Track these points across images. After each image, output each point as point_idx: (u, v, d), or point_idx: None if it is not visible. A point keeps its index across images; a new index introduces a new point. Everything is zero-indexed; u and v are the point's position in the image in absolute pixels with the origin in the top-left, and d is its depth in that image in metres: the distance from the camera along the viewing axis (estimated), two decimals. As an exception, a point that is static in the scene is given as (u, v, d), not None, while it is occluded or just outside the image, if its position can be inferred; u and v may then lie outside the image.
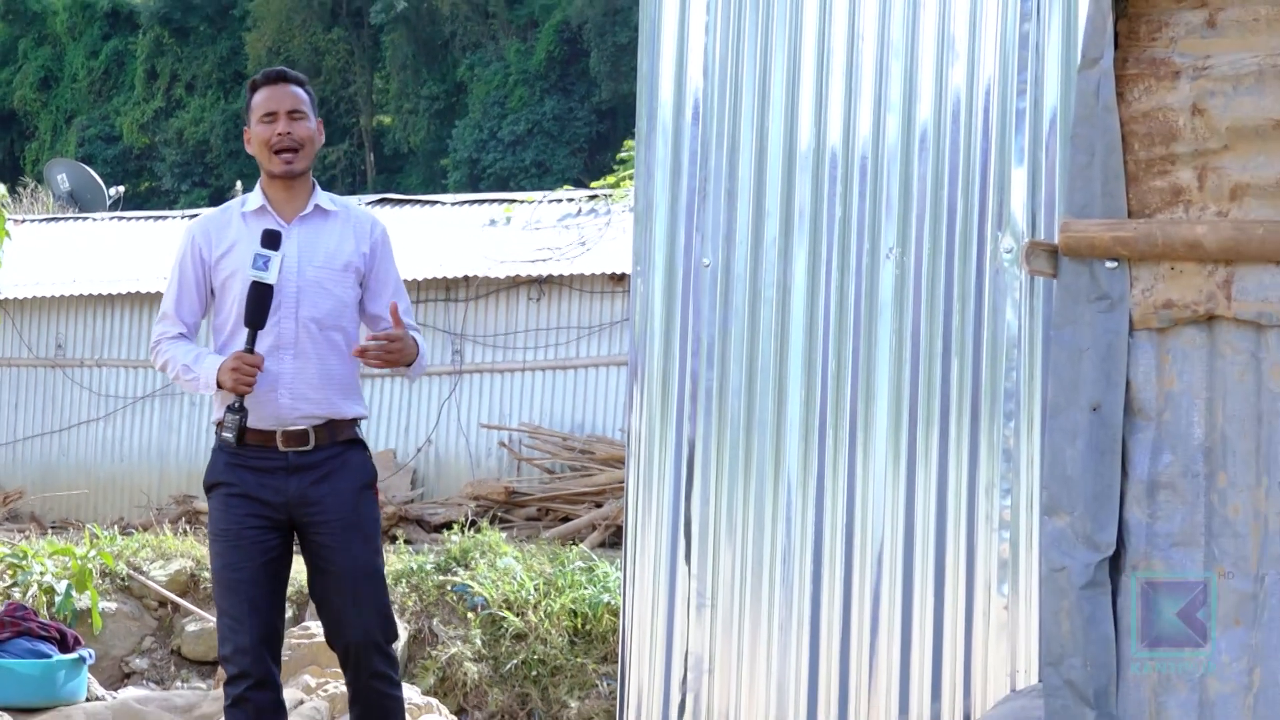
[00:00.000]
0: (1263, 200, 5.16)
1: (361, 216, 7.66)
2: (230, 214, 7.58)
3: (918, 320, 7.41)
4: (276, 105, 7.44)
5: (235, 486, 7.35)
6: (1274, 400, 5.12)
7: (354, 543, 7.36)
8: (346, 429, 7.44)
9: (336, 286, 7.41)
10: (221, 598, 7.49)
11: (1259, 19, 5.18)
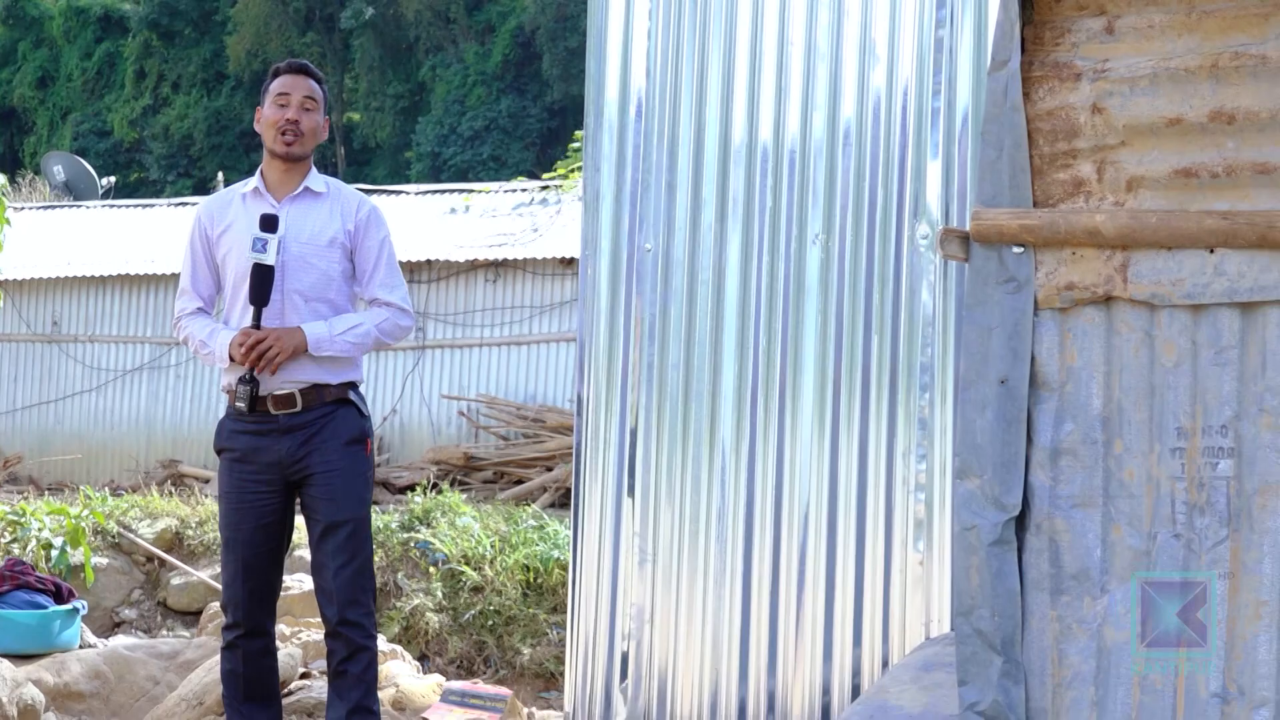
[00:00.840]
0: (1156, 191, 5.17)
1: (349, 196, 7.63)
2: (232, 195, 7.61)
3: (841, 300, 7.41)
4: (292, 90, 7.44)
5: (236, 451, 7.39)
6: (1165, 374, 5.13)
7: (338, 495, 7.35)
8: (335, 391, 7.41)
9: (321, 261, 7.39)
10: (223, 553, 7.59)
11: (1153, 26, 5.19)
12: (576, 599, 7.89)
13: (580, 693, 7.83)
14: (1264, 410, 5.02)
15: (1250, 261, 5.03)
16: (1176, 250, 5.12)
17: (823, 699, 7.39)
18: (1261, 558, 5.02)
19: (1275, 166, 5.03)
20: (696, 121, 7.70)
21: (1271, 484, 5.01)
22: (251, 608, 7.43)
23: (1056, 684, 5.28)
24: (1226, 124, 5.10)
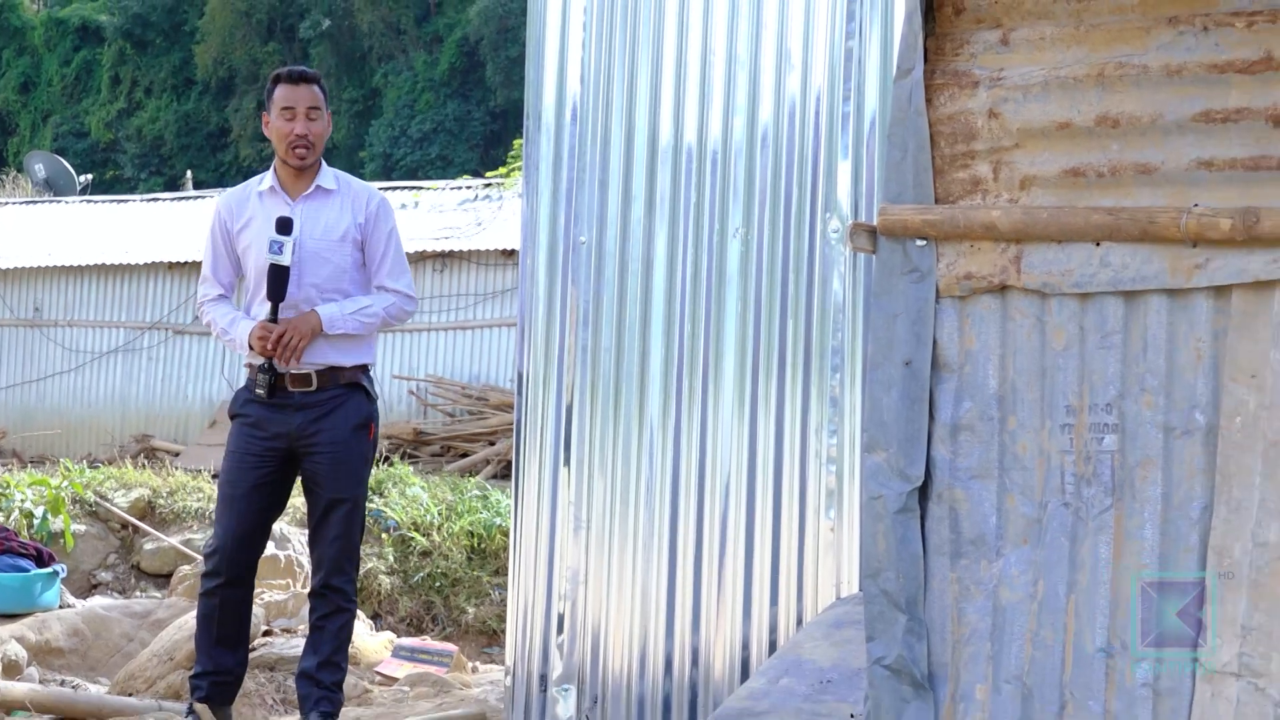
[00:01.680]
0: (1047, 190, 5.18)
1: (360, 191, 7.69)
2: (249, 192, 7.67)
3: (759, 289, 7.41)
4: (296, 103, 7.49)
5: (249, 417, 7.51)
6: (1055, 357, 5.14)
7: (340, 474, 7.44)
8: (348, 374, 7.52)
9: (335, 255, 7.47)
10: (218, 507, 7.69)
11: (1044, 38, 5.20)
12: (517, 562, 7.88)
13: (520, 648, 7.82)
14: (1145, 390, 5.04)
15: (1133, 254, 5.04)
16: (1066, 243, 5.13)
17: (742, 654, 7.39)
18: (1143, 524, 5.04)
19: (1155, 167, 5.05)
20: (627, 124, 7.69)
21: (1151, 457, 5.03)
22: (236, 559, 7.48)
23: (956, 640, 5.29)
24: (1111, 128, 5.12)
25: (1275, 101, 4.90)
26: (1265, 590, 4.88)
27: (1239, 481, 4.93)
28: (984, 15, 5.30)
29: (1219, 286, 4.95)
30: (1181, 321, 5.01)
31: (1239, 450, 4.93)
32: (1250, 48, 4.93)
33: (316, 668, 7.46)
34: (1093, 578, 5.11)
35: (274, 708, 9.83)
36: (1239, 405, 4.93)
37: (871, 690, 5.40)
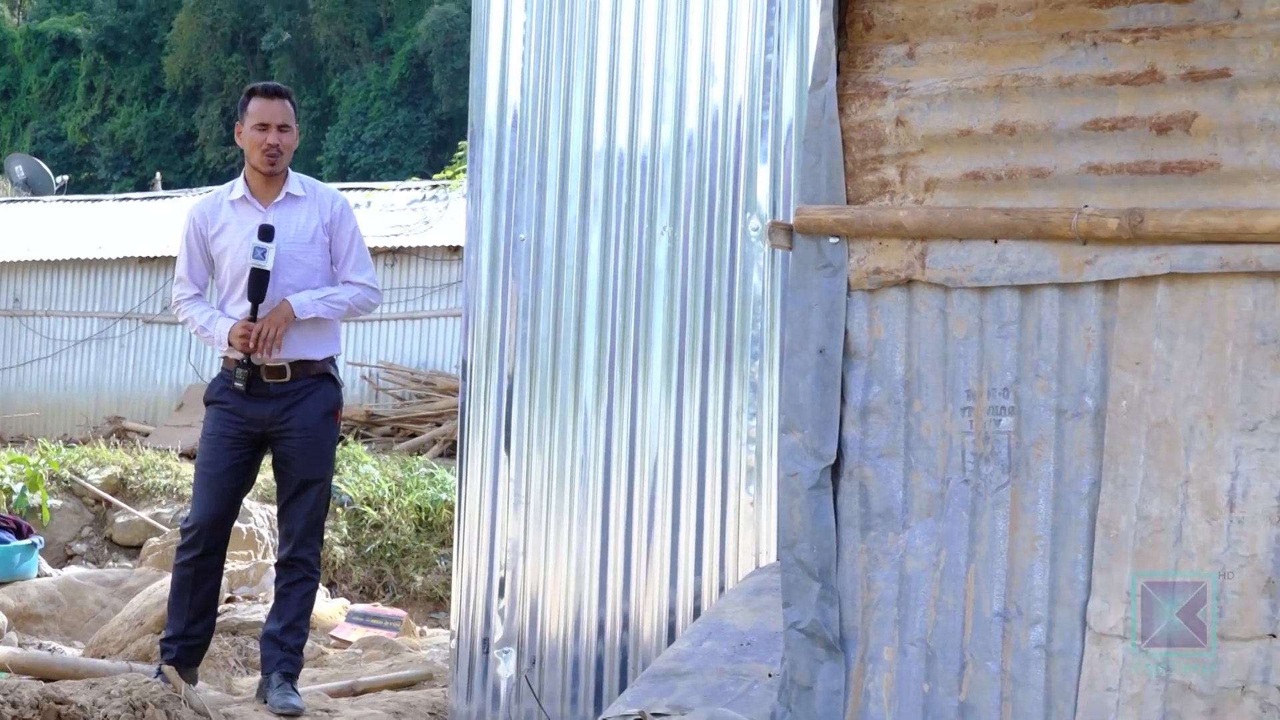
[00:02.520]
0: (949, 191, 5.18)
1: (324, 194, 7.72)
2: (220, 200, 7.69)
3: (685, 283, 7.41)
4: (269, 118, 7.53)
5: (226, 404, 7.52)
6: (957, 345, 5.15)
7: (311, 456, 7.46)
8: (319, 365, 7.53)
9: (306, 257, 7.48)
10: (196, 485, 7.65)
11: (947, 52, 5.20)
12: (461, 534, 7.87)
13: (464, 614, 7.81)
14: (1039, 375, 5.05)
15: (1028, 250, 5.05)
16: (966, 241, 5.13)
17: (669, 619, 7.40)
18: (1037, 499, 5.05)
19: (1048, 171, 5.05)
20: (563, 131, 7.68)
21: (1044, 437, 5.04)
22: (213, 534, 7.51)
23: (865, 606, 5.29)
24: (1008, 135, 5.12)
25: (1158, 111, 4.91)
26: (1148, 560, 4.90)
27: (1125, 460, 4.95)
28: (892, 31, 5.30)
29: (1107, 281, 4.96)
30: (1072, 313, 5.02)
31: (1125, 431, 4.95)
32: (1135, 61, 4.95)
33: (280, 631, 7.49)
34: (991, 548, 5.12)
35: (237, 669, 9.80)
36: (1125, 390, 4.95)
37: (788, 652, 5.40)
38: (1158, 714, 4.87)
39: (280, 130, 7.51)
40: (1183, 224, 4.83)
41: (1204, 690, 4.82)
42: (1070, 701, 5.00)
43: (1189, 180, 4.88)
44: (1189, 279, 4.86)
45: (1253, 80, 4.80)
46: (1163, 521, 4.89)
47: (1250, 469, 4.79)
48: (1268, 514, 4.76)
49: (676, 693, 6.48)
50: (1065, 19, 5.04)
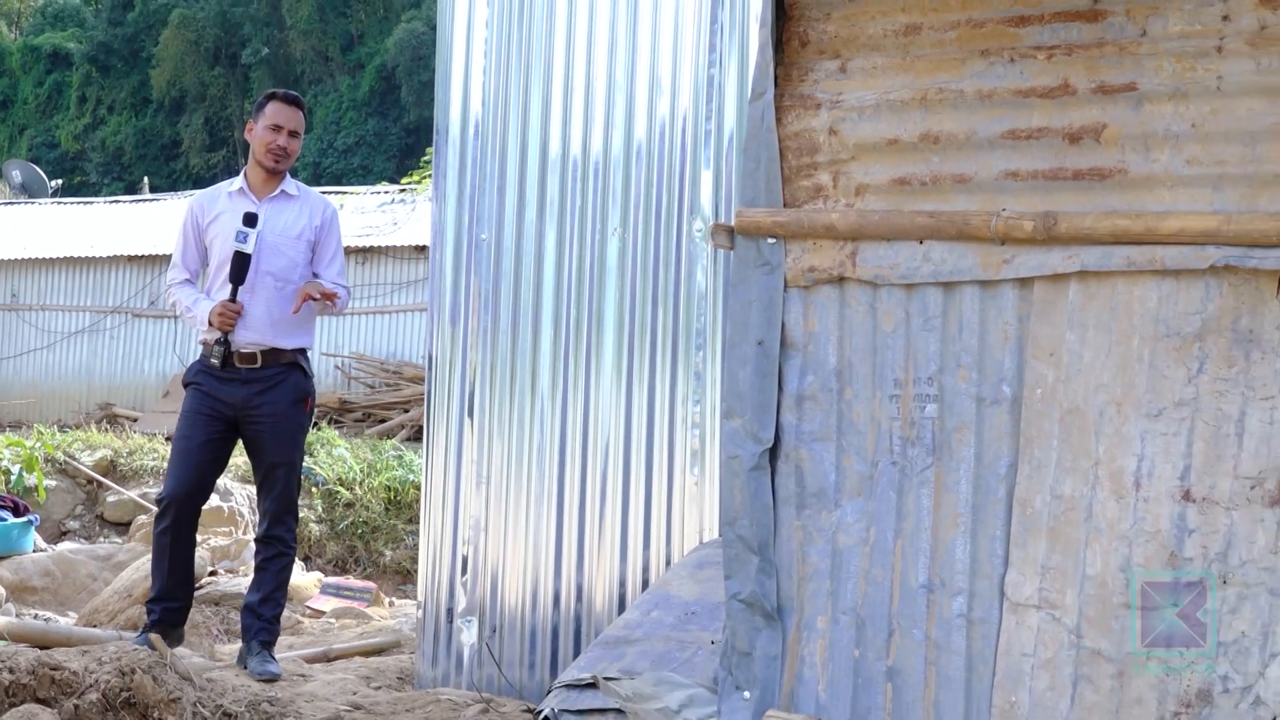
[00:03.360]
0: (878, 196, 5.19)
1: (317, 200, 7.72)
2: (219, 192, 7.69)
3: (635, 280, 7.40)
4: (284, 122, 7.55)
5: (203, 386, 7.51)
6: (885, 337, 5.15)
7: (279, 440, 7.45)
8: (289, 355, 7.50)
9: (290, 250, 7.48)
10: (171, 458, 7.64)
11: (876, 67, 5.20)
12: (427, 512, 7.85)
13: (430, 586, 7.79)
14: (960, 366, 5.05)
15: (950, 250, 5.05)
16: (894, 241, 5.14)
17: (620, 590, 7.39)
18: (959, 480, 5.06)
19: (969, 177, 5.06)
20: (521, 139, 7.66)
21: (966, 423, 5.05)
22: (185, 504, 7.49)
23: (800, 578, 5.29)
24: (933, 144, 5.12)
25: (1070, 122, 4.92)
26: (1061, 536, 4.91)
27: (1039, 444, 4.96)
28: (825, 47, 5.30)
29: (1023, 279, 4.97)
30: (991, 308, 5.03)
31: (1039, 417, 4.96)
32: (1049, 76, 4.95)
33: (259, 603, 7.48)
34: (916, 525, 5.12)
35: (219, 637, 9.79)
36: (1039, 379, 4.96)
37: (729, 621, 5.40)
38: (1069, 678, 4.88)
39: (290, 135, 7.53)
40: (1093, 226, 4.84)
41: (1112, 655, 4.83)
42: (989, 666, 5.01)
43: (1099, 186, 4.89)
44: (1098, 277, 4.87)
45: (1157, 93, 4.81)
46: (1074, 500, 4.90)
47: (1155, 452, 4.80)
48: (1170, 493, 4.78)
49: (626, 659, 6.47)
50: (985, 37, 5.05)
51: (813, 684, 5.26)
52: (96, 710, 5.32)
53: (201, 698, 5.61)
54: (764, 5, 5.31)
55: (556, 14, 7.64)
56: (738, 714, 5.36)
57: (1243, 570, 4.69)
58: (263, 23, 53.09)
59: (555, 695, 6.52)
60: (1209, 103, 4.75)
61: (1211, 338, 4.74)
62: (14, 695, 5.34)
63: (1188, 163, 4.78)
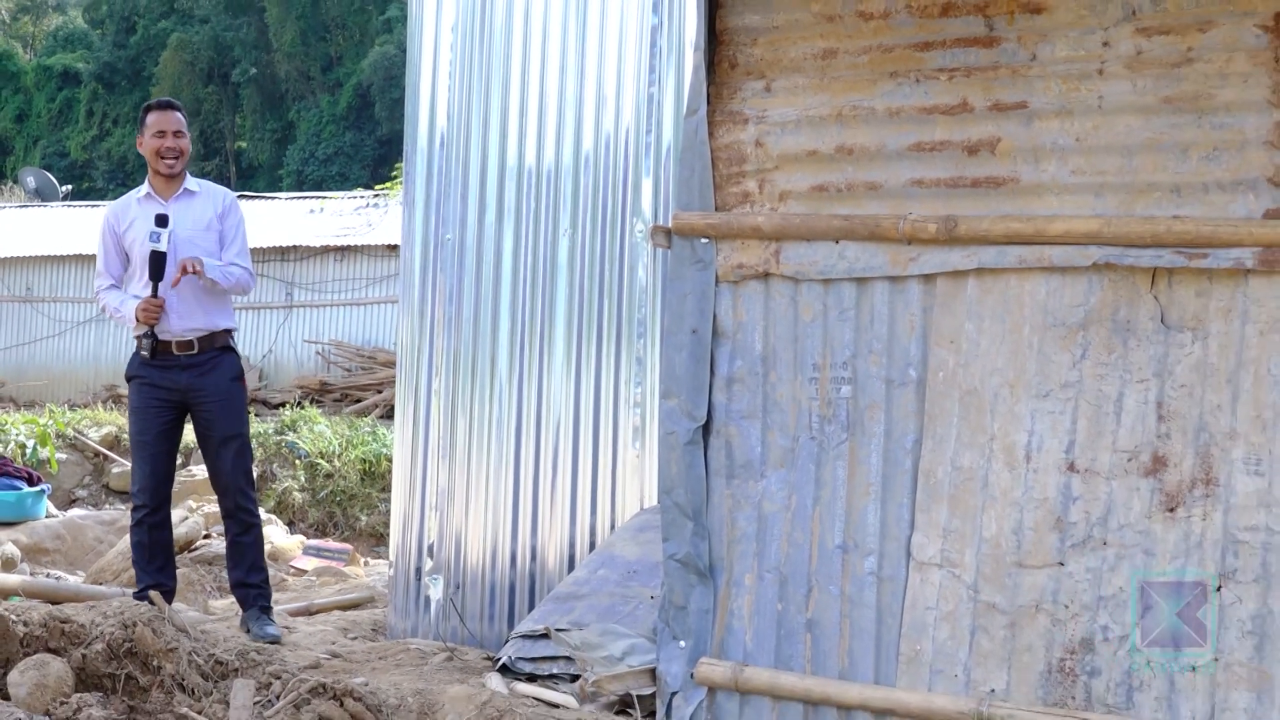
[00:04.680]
0: (799, 201, 5.18)
1: (216, 191, 7.53)
2: (130, 201, 7.48)
3: (583, 275, 7.39)
4: (165, 126, 7.33)
5: (145, 378, 7.26)
6: (805, 327, 5.14)
7: (226, 417, 7.27)
8: (221, 338, 7.32)
9: (202, 242, 7.28)
10: (133, 453, 7.40)
11: (798, 87, 5.19)
12: (398, 482, 7.81)
13: (400, 547, 7.75)
14: (872, 352, 5.06)
15: (863, 250, 5.05)
16: (813, 241, 5.13)
17: (569, 551, 7.38)
18: (870, 453, 5.06)
19: (880, 184, 5.06)
20: (481, 150, 7.63)
21: (876, 402, 5.05)
22: (158, 493, 7.32)
23: (730, 540, 5.28)
24: (847, 155, 5.12)
25: (969, 136, 4.93)
26: (960, 502, 4.92)
27: (941, 421, 4.96)
28: (752, 69, 5.29)
29: (927, 275, 4.98)
30: (899, 301, 5.04)
31: (941, 398, 4.96)
32: (951, 95, 4.96)
33: (245, 575, 7.33)
34: (832, 493, 5.12)
35: (211, 593, 9.72)
36: (942, 364, 4.96)
37: (667, 578, 5.39)
38: (968, 629, 4.90)
39: (176, 136, 7.35)
40: (989, 228, 4.85)
41: (1005, 608, 4.85)
42: (897, 618, 5.02)
43: (994, 192, 4.90)
44: (994, 273, 4.88)
45: (1046, 111, 4.82)
46: (972, 471, 4.91)
47: (1043, 428, 4.82)
48: (1057, 465, 4.80)
49: (575, 612, 6.46)
50: (893, 60, 5.05)
51: (740, 634, 5.26)
52: (102, 659, 5.27)
53: (196, 648, 5.57)
54: (698, 31, 5.30)
55: (513, 39, 7.61)
56: (674, 661, 5.36)
57: (1120, 533, 4.71)
58: (251, 46, 52.84)
59: (512, 644, 6.51)
60: (1091, 119, 4.77)
61: (1093, 327, 4.76)
62: (28, 645, 5.29)
63: (1072, 172, 4.79)
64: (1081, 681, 4.74)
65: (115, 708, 5.14)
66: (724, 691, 5.26)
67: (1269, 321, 4.53)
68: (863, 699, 5.02)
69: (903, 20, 5.02)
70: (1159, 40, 4.67)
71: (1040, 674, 4.80)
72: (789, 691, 5.14)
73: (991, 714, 4.80)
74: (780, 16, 5.22)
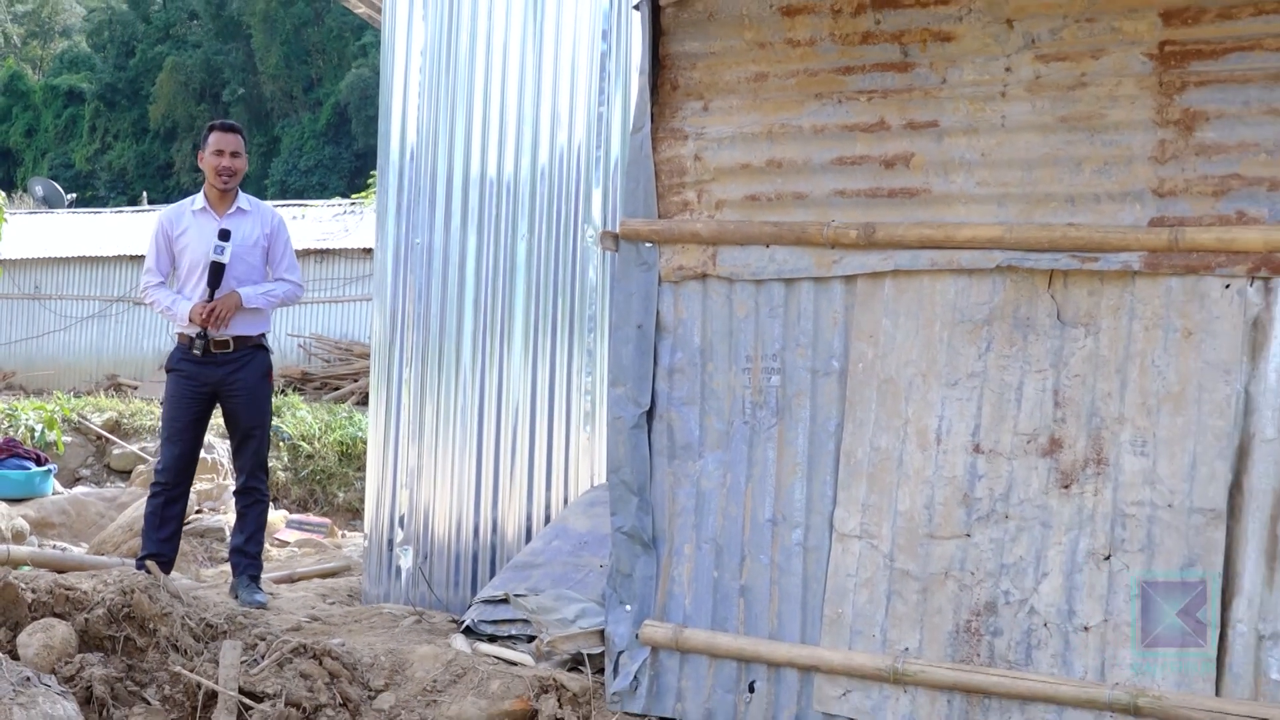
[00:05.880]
0: (733, 209, 5.17)
1: (266, 211, 7.50)
2: (184, 209, 7.44)
3: (539, 276, 7.37)
4: (224, 146, 7.32)
5: (183, 370, 7.25)
6: (739, 322, 5.14)
7: (252, 409, 7.23)
8: (254, 339, 7.29)
9: (249, 256, 7.26)
10: (163, 435, 7.39)
11: (733, 107, 5.18)
12: (373, 462, 7.78)
13: (374, 521, 7.72)
14: (799, 345, 5.05)
15: (790, 253, 5.05)
16: (746, 246, 5.12)
17: (527, 524, 7.36)
18: (797, 436, 5.06)
19: (806, 195, 5.05)
20: (448, 162, 7.60)
21: (803, 390, 5.04)
22: (181, 473, 7.29)
23: (671, 514, 5.27)
24: (777, 168, 5.11)
25: (886, 151, 4.93)
26: (878, 480, 4.92)
27: (861, 407, 4.96)
28: (692, 91, 5.27)
29: (849, 276, 4.98)
30: (824, 299, 5.03)
31: (861, 386, 4.96)
32: (869, 115, 4.95)
33: (244, 544, 7.31)
34: (763, 472, 5.11)
35: (203, 563, 9.67)
36: (861, 355, 4.96)
37: (614, 549, 5.38)
38: (884, 594, 4.90)
39: (233, 156, 7.34)
40: (904, 234, 4.85)
41: (918, 575, 4.85)
42: (821, 584, 5.02)
43: (909, 202, 4.90)
44: (908, 274, 4.89)
45: (955, 129, 4.82)
46: (889, 452, 4.92)
47: (952, 413, 4.82)
48: (964, 446, 4.80)
49: (532, 579, 6.44)
50: (818, 83, 5.04)
51: (680, 599, 5.25)
52: (103, 623, 5.23)
53: (188, 612, 5.53)
54: (643, 57, 5.28)
55: (476, 63, 7.58)
56: (621, 624, 5.35)
57: (1020, 508, 4.72)
58: (240, 68, 52.57)
59: (475, 609, 6.48)
60: (995, 136, 4.77)
61: (997, 323, 4.77)
62: (36, 610, 5.25)
63: (978, 184, 4.80)
64: (986, 640, 4.75)
65: (115, 666, 5.11)
66: (666, 650, 5.25)
67: (1153, 318, 4.55)
68: (790, 657, 5.02)
69: (827, 47, 5.01)
70: (1056, 66, 4.68)
71: (949, 634, 4.80)
72: (724, 650, 5.14)
73: (905, 670, 4.81)
74: (717, 43, 5.21)
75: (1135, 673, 4.54)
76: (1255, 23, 4.43)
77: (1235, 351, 4.44)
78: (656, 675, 5.26)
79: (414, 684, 5.58)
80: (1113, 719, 4.56)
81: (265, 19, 51.76)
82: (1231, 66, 4.46)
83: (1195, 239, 4.47)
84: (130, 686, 5.09)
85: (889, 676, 4.84)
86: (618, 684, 5.30)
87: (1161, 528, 4.52)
